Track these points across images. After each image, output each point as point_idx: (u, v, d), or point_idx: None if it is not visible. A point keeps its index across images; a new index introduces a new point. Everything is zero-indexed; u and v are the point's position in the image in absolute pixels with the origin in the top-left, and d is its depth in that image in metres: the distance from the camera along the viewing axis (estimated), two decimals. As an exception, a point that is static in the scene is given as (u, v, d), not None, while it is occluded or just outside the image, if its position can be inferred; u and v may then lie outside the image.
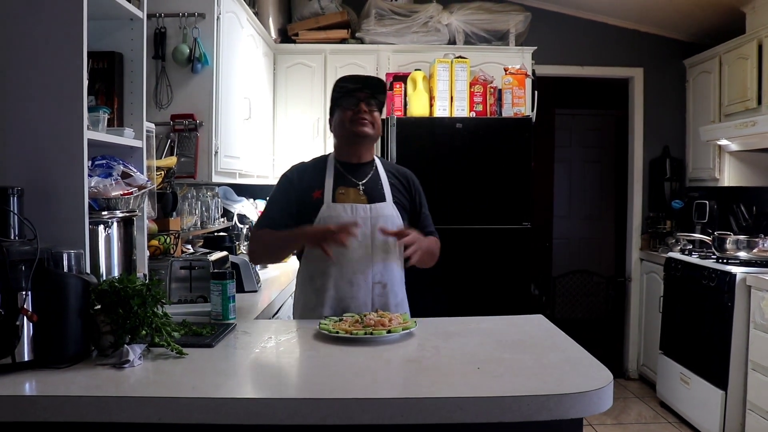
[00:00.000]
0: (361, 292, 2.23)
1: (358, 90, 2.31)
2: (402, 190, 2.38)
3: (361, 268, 2.23)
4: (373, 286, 2.25)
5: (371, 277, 2.24)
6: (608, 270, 6.68)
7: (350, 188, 2.29)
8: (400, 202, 2.34)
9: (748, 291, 3.57)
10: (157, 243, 2.70)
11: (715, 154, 4.53)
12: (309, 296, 2.29)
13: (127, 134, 2.19)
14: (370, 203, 2.27)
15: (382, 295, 2.26)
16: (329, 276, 2.24)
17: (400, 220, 2.30)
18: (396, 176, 2.40)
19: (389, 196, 2.32)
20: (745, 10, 4.23)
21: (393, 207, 2.30)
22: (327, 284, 2.24)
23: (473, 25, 4.58)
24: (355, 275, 2.23)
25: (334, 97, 2.37)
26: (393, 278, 2.30)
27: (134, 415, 1.36)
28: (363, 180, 2.32)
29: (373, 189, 2.31)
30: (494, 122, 4.22)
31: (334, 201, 2.25)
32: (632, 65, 5.18)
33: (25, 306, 1.51)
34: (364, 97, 2.31)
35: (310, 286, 2.29)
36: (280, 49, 4.57)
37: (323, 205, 2.24)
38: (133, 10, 2.20)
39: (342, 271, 2.23)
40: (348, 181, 2.31)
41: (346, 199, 2.27)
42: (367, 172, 2.35)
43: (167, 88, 3.20)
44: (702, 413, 3.88)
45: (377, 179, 2.34)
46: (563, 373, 1.59)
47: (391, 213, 2.29)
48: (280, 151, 4.59)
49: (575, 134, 7.12)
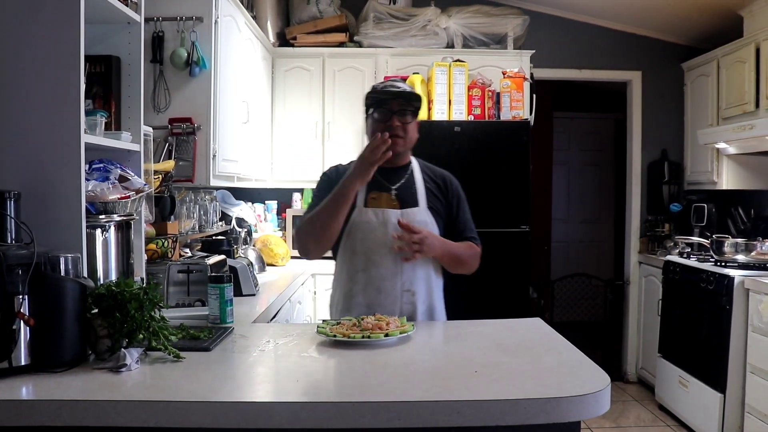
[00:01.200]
0: (389, 299, 2.21)
1: (391, 99, 2.24)
2: (438, 194, 2.33)
3: (389, 275, 2.21)
4: (401, 293, 2.22)
5: (400, 284, 2.22)
6: (607, 273, 6.67)
7: (383, 193, 2.26)
8: (434, 207, 2.30)
9: (746, 294, 3.57)
10: (154, 247, 2.69)
11: (713, 157, 4.53)
12: (339, 299, 2.29)
13: (124, 138, 2.19)
14: (403, 208, 2.24)
15: (410, 302, 2.23)
16: (357, 282, 2.23)
17: (434, 226, 2.27)
18: (433, 179, 2.36)
19: (423, 202, 2.28)
20: (742, 14, 4.24)
21: (426, 212, 2.27)
22: (355, 290, 2.23)
23: (471, 29, 4.58)
24: (383, 282, 2.21)
25: (367, 104, 2.30)
26: (423, 286, 2.26)
27: (131, 420, 1.35)
28: (396, 184, 2.28)
29: (406, 194, 2.28)
30: (492, 126, 4.22)
31: (365, 205, 2.23)
32: (630, 69, 5.19)
33: (22, 310, 1.51)
34: (397, 108, 2.24)
35: (340, 291, 2.29)
36: (278, 53, 4.57)
37: (355, 209, 2.22)
38: (130, 13, 2.20)
39: (371, 277, 2.21)
40: (381, 185, 2.27)
41: (377, 203, 2.24)
42: (401, 176, 2.31)
43: (165, 91, 3.20)
44: (700, 416, 3.87)
45: (411, 183, 2.31)
46: (561, 376, 1.59)
47: (423, 219, 2.25)
48: (279, 154, 4.60)
49: (574, 137, 7.13)
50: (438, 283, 2.36)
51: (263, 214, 4.62)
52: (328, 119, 4.56)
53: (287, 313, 3.28)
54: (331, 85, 4.57)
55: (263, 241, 4.20)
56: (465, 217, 2.38)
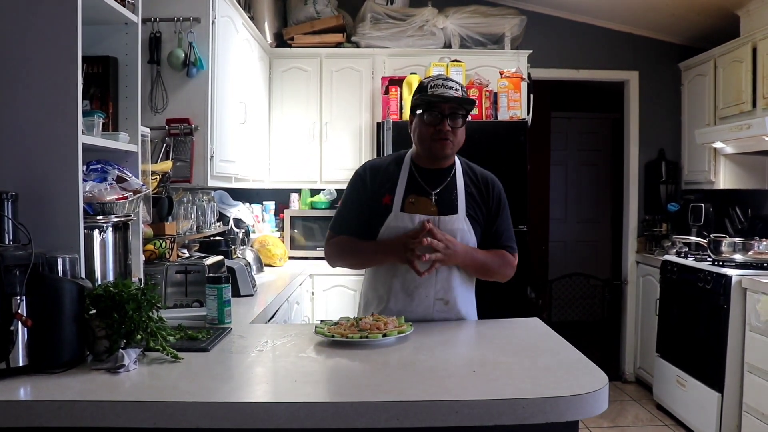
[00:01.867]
0: (421, 307, 2.16)
1: (443, 102, 2.12)
2: (479, 199, 2.22)
3: (423, 282, 2.14)
4: (434, 302, 2.17)
5: (433, 292, 2.17)
6: (604, 273, 6.69)
7: (422, 197, 2.17)
8: (473, 214, 2.19)
9: (743, 293, 3.57)
10: (152, 247, 2.69)
11: (711, 156, 4.54)
12: (371, 302, 2.25)
13: (122, 139, 2.19)
14: (441, 215, 2.15)
15: (443, 311, 2.18)
16: (391, 288, 2.18)
17: (472, 234, 2.18)
18: (475, 183, 2.24)
19: (462, 209, 2.18)
20: (739, 13, 4.25)
21: (465, 220, 2.17)
22: (388, 295, 2.19)
23: (469, 29, 4.59)
24: (416, 289, 2.16)
25: (417, 103, 2.17)
26: (457, 295, 2.20)
27: (129, 420, 1.35)
28: (437, 189, 2.18)
29: (446, 199, 2.18)
30: (490, 126, 4.23)
31: (402, 210, 2.15)
32: (628, 68, 5.19)
33: (20, 311, 1.51)
34: (449, 112, 2.12)
35: (373, 294, 2.25)
36: (275, 53, 4.57)
37: (391, 214, 2.15)
38: (127, 14, 2.20)
39: (404, 283, 2.16)
40: (421, 188, 2.18)
41: (415, 209, 2.15)
42: (443, 179, 2.20)
43: (162, 92, 3.20)
44: (698, 415, 3.88)
45: (452, 188, 2.20)
46: (559, 376, 1.59)
47: (461, 227, 2.16)
48: (276, 155, 4.60)
49: (571, 137, 7.14)
50: (471, 291, 2.30)
51: (261, 215, 4.62)
52: (325, 120, 4.55)
53: (285, 313, 3.28)
54: (329, 86, 4.57)
55: (261, 241, 4.20)
56: (504, 224, 2.28)
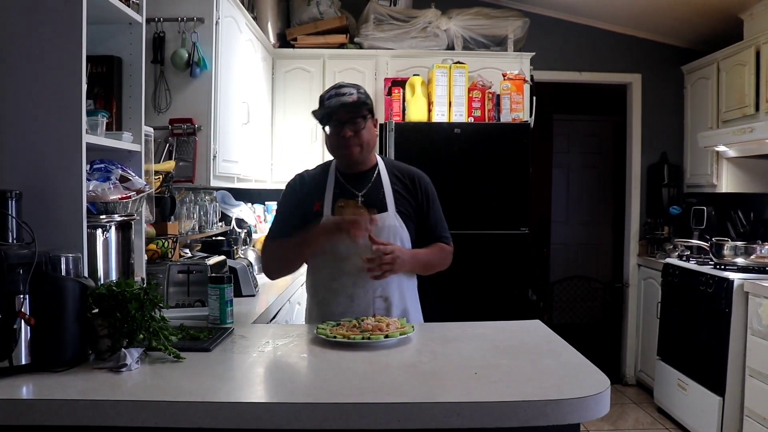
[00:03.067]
0: (361, 306, 2.19)
1: (338, 110, 2.16)
2: (406, 195, 2.27)
3: (360, 282, 2.18)
4: (374, 299, 2.20)
5: (372, 291, 2.20)
6: (606, 276, 6.68)
7: (350, 200, 2.22)
8: (403, 210, 2.24)
9: (745, 297, 3.57)
10: (155, 247, 2.70)
11: (713, 160, 4.54)
12: (312, 309, 2.29)
13: (125, 138, 2.19)
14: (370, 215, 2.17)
15: (383, 308, 2.21)
16: (329, 289, 2.22)
17: (404, 230, 2.22)
18: (401, 179, 2.29)
19: (391, 206, 2.22)
20: (743, 16, 4.25)
21: (396, 217, 2.22)
22: (327, 298, 2.22)
23: (472, 31, 4.59)
24: (355, 289, 2.19)
25: (318, 118, 2.21)
26: (396, 291, 2.24)
27: (131, 419, 1.36)
28: (362, 190, 2.24)
29: (374, 199, 2.22)
30: (492, 128, 4.23)
31: (333, 214, 2.19)
32: (630, 71, 5.19)
33: (23, 309, 1.51)
34: (347, 119, 2.16)
35: (313, 299, 2.29)
36: (278, 54, 4.58)
37: (323, 218, 2.19)
38: (132, 14, 2.20)
39: (342, 285, 2.19)
40: (348, 192, 2.23)
41: (345, 212, 2.19)
42: (367, 181, 2.26)
43: (166, 92, 3.20)
44: (699, 419, 3.87)
45: (378, 187, 2.25)
46: (560, 378, 1.59)
47: (393, 223, 2.21)
48: (279, 155, 4.60)
49: (573, 140, 7.13)
50: (411, 285, 2.33)
51: (263, 215, 4.62)
52: (328, 120, 4.55)
53: (287, 313, 3.28)
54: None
55: (263, 241, 4.19)
56: (436, 216, 2.33)
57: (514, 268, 4.12)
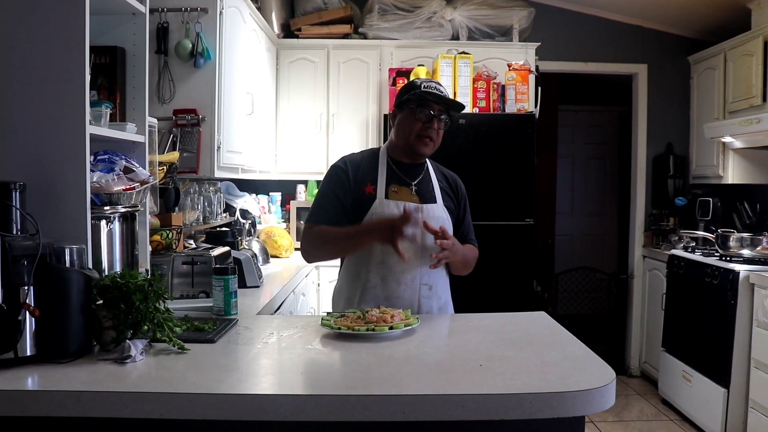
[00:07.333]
0: (407, 291, 2.22)
1: (435, 102, 2.22)
2: (450, 194, 2.36)
3: (409, 268, 2.21)
4: (420, 286, 2.24)
5: (419, 277, 2.23)
6: (611, 267, 6.66)
7: (403, 187, 2.27)
8: (449, 206, 2.32)
9: (751, 289, 3.56)
10: (159, 238, 2.70)
11: (719, 151, 4.51)
12: (353, 291, 2.26)
13: (129, 129, 2.19)
14: (422, 203, 2.24)
15: (428, 296, 2.25)
16: (377, 274, 2.22)
17: (449, 223, 2.28)
18: (445, 179, 2.39)
19: (440, 199, 2.30)
20: (750, 6, 4.21)
21: (443, 210, 2.28)
22: (374, 281, 2.22)
23: (477, 21, 4.57)
24: (403, 274, 2.21)
25: (408, 98, 2.24)
26: (439, 280, 2.29)
27: (136, 411, 1.36)
28: (415, 180, 2.29)
29: (424, 190, 2.29)
30: (497, 118, 4.21)
31: (386, 198, 2.22)
32: (636, 61, 5.16)
33: (28, 301, 1.51)
34: (439, 112, 2.23)
35: (355, 282, 2.26)
36: (282, 44, 4.56)
37: (376, 200, 2.21)
38: (135, 4, 2.19)
39: (391, 269, 2.21)
40: (400, 179, 2.28)
41: (398, 197, 2.23)
42: (419, 172, 2.32)
43: (170, 83, 3.19)
44: (704, 411, 3.87)
45: (428, 180, 2.33)
46: (566, 370, 1.59)
47: (441, 215, 2.26)
48: (283, 146, 4.60)
49: (578, 130, 7.10)
50: (447, 280, 2.38)
51: (267, 206, 4.62)
52: (332, 111, 4.55)
53: (291, 305, 3.28)
54: (336, 77, 4.56)
55: (267, 232, 4.20)
56: (469, 219, 2.43)
57: (518, 259, 4.11)
